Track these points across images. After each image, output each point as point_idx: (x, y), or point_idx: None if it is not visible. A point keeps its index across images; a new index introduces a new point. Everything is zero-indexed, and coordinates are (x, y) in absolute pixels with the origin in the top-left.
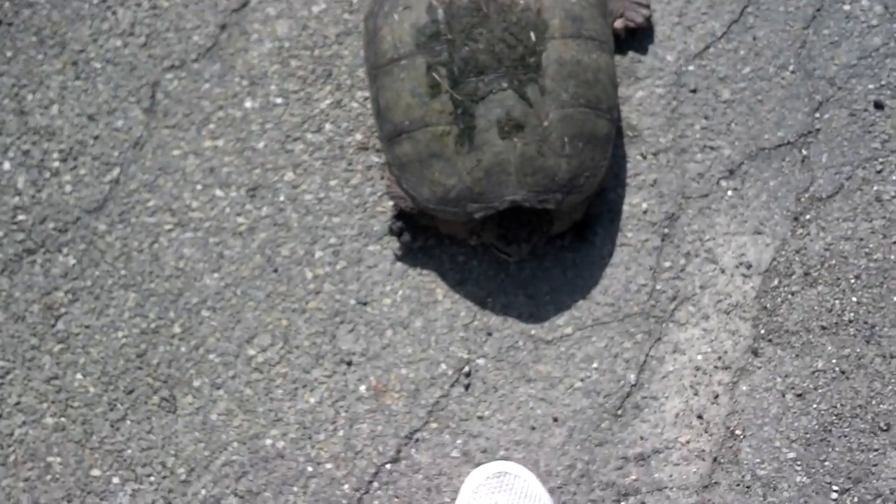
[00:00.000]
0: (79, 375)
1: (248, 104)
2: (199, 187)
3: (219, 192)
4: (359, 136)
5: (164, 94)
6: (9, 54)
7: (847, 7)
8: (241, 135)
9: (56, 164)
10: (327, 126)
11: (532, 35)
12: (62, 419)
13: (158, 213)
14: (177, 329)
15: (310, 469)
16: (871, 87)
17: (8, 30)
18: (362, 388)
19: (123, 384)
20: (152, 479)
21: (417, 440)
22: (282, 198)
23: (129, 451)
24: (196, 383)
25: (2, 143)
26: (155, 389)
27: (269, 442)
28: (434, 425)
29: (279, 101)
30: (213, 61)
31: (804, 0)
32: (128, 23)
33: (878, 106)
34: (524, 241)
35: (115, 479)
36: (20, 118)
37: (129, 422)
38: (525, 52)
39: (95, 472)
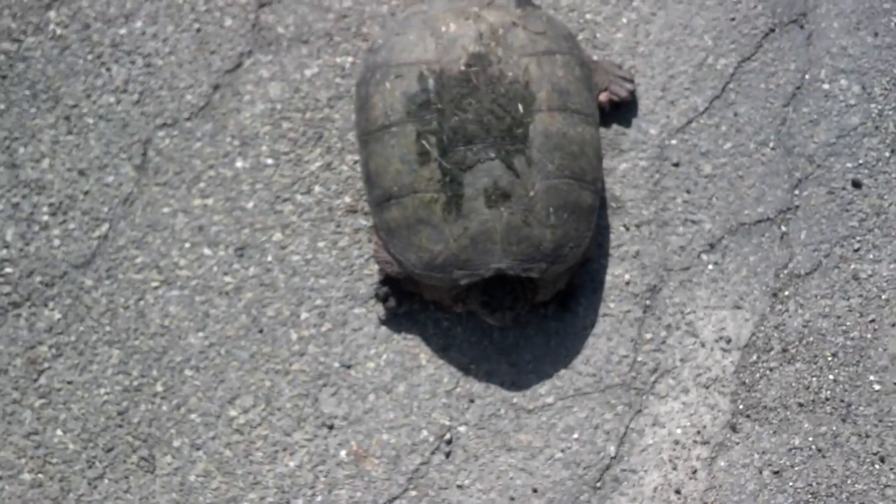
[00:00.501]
0: (59, 431)
1: (238, 164)
2: (187, 245)
3: (207, 251)
4: (348, 199)
5: (155, 152)
6: (1, 107)
7: (826, 86)
8: (230, 194)
9: (45, 217)
10: (317, 188)
11: (520, 107)
12: (40, 475)
13: (146, 270)
14: (159, 387)
15: None
16: (849, 165)
17: (2, 83)
18: (343, 452)
19: (103, 442)
20: None
21: None
22: (269, 258)
23: None
24: (176, 443)
25: None
26: (134, 448)
27: None
28: (413, 493)
29: (270, 161)
30: (206, 121)
31: (784, 78)
32: (121, 80)
33: (856, 185)
34: (508, 309)
35: None
36: (11, 171)
37: (107, 480)
38: (512, 124)
39: None
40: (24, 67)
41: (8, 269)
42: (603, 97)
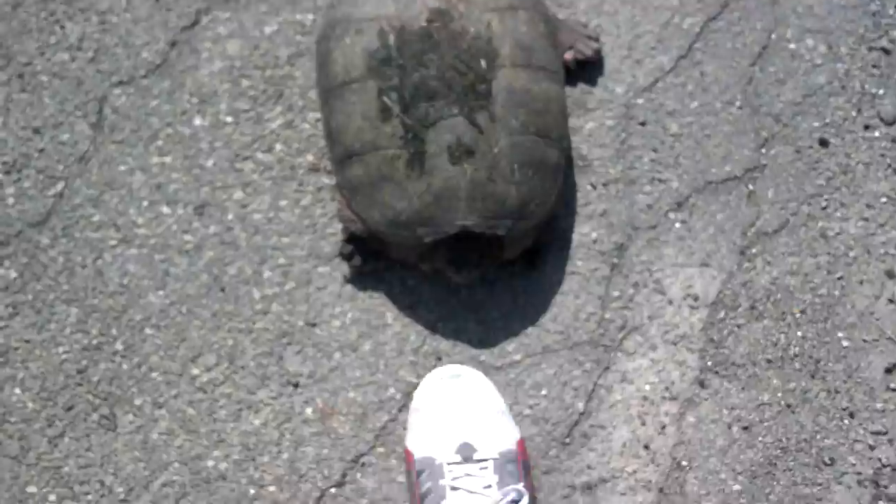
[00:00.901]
0: (17, 390)
1: (197, 122)
2: (145, 204)
3: (165, 209)
4: (310, 157)
5: (111, 110)
6: None
7: (792, 46)
8: (189, 152)
9: (0, 176)
10: (278, 146)
11: (483, 63)
12: None
13: (103, 229)
14: (119, 346)
15: (252, 492)
16: (815, 124)
17: None
18: (308, 410)
19: (63, 400)
20: (90, 497)
21: (364, 464)
22: (230, 216)
23: (67, 468)
24: (137, 402)
25: None
26: (95, 407)
27: (210, 463)
28: (381, 450)
29: (229, 119)
30: (163, 78)
31: (751, 37)
32: (76, 37)
33: (823, 143)
34: (474, 267)
35: (52, 497)
36: None
37: (67, 439)
38: (475, 80)
39: (31, 489)
40: None
41: None
42: (568, 56)
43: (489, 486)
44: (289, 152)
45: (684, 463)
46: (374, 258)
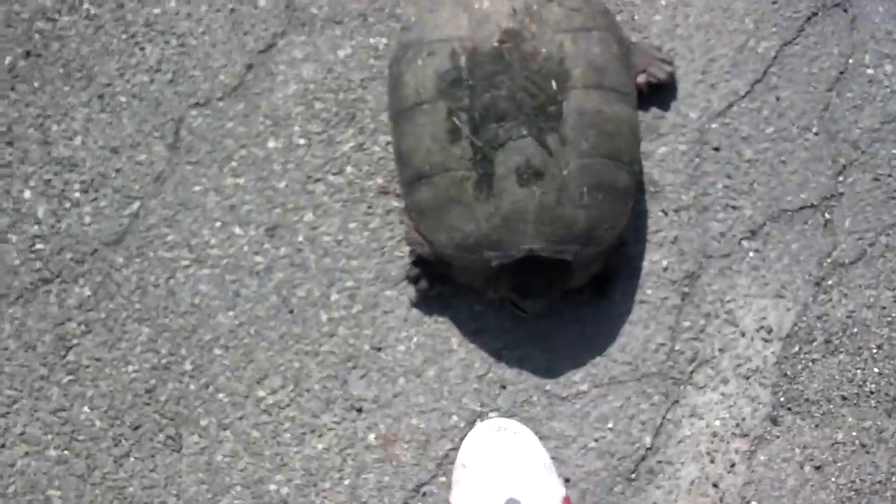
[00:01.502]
0: (86, 408)
1: (270, 144)
2: (218, 224)
3: (238, 231)
4: (380, 180)
5: (188, 131)
6: (36, 85)
7: (870, 71)
8: (262, 174)
9: (77, 195)
10: (349, 169)
11: (553, 84)
12: (65, 452)
13: (176, 249)
14: (188, 366)
15: None
16: (894, 151)
17: (36, 61)
18: (371, 436)
19: (130, 419)
20: None
21: (425, 493)
22: (300, 238)
23: (131, 488)
24: (203, 422)
25: (24, 172)
26: (161, 427)
27: (273, 487)
28: (442, 479)
29: (302, 142)
30: (238, 100)
31: (827, 62)
32: (155, 59)
33: None
34: (540, 296)
35: None
36: (43, 148)
37: (132, 458)
38: (546, 101)
39: None
40: (59, 46)
41: (39, 246)
42: (641, 79)
43: None
44: (359, 175)
45: (754, 503)
46: (440, 282)
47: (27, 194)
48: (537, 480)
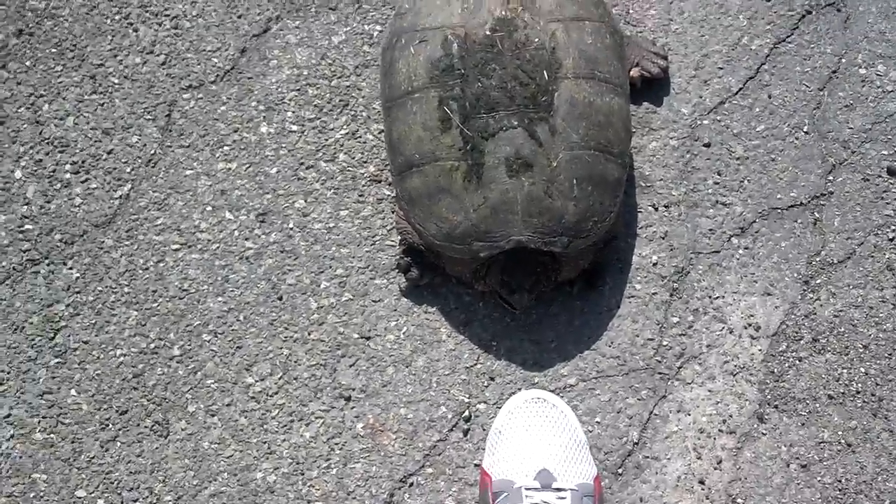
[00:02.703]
0: (73, 392)
1: (263, 129)
2: (209, 209)
3: (228, 215)
4: (372, 168)
5: (180, 114)
6: (28, 63)
7: (863, 71)
8: (254, 159)
9: (68, 175)
10: (341, 156)
11: (545, 73)
12: (52, 435)
13: (166, 232)
14: (176, 351)
15: None
16: (884, 152)
17: (28, 40)
18: (359, 425)
19: (117, 404)
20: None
21: (412, 484)
22: (291, 225)
23: (117, 473)
24: (191, 408)
25: (15, 152)
26: (149, 412)
27: (259, 475)
28: (430, 470)
29: (295, 128)
30: (231, 84)
31: (820, 61)
32: (149, 41)
33: (892, 172)
34: (527, 291)
35: (100, 502)
36: (35, 128)
37: (119, 443)
38: (537, 91)
39: (81, 493)
40: (52, 25)
41: (28, 226)
42: (634, 73)
43: None
44: (351, 162)
45: (740, 501)
46: (430, 272)
47: (17, 174)
48: (571, 455)
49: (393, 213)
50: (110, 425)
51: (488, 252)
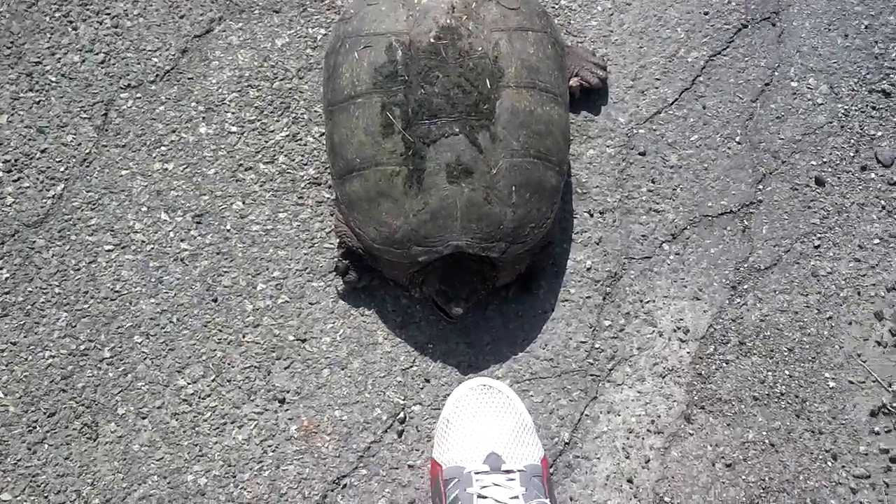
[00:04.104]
0: (0, 393)
1: (202, 130)
2: (144, 209)
3: (164, 216)
4: (311, 171)
5: (117, 113)
6: None
7: (794, 84)
8: (192, 160)
9: (0, 174)
10: (281, 158)
11: (487, 82)
12: None
13: (99, 233)
14: (106, 353)
15: None
16: (813, 163)
17: None
18: (293, 428)
19: (45, 406)
20: None
21: (345, 486)
22: (228, 226)
23: (45, 476)
24: (121, 411)
25: None
26: (78, 414)
27: (190, 478)
28: (364, 471)
29: (234, 129)
30: (171, 84)
31: (754, 74)
32: (88, 39)
33: (819, 182)
34: (464, 300)
35: None
36: None
37: (47, 445)
38: (479, 99)
39: (6, 497)
40: None
41: None
42: (574, 82)
43: (516, 497)
44: (291, 165)
45: (667, 499)
46: (368, 274)
47: None
48: (518, 438)
49: (332, 216)
50: (38, 427)
51: (427, 256)
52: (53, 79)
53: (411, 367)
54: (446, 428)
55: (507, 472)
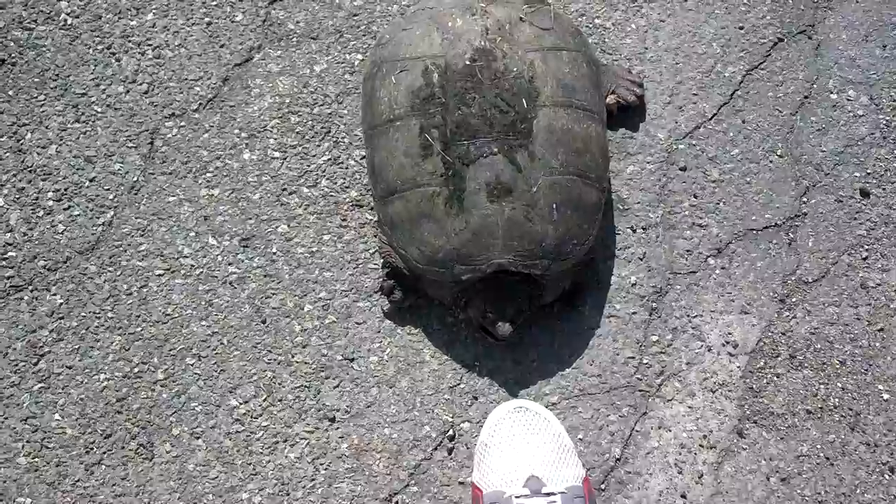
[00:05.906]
0: (57, 416)
1: (245, 156)
2: (192, 234)
3: (212, 241)
4: (354, 193)
5: (162, 141)
6: (10, 93)
7: (834, 96)
8: (237, 185)
9: (50, 203)
10: (323, 182)
11: (524, 102)
12: (36, 459)
13: (149, 258)
14: (160, 375)
15: None
16: (857, 174)
17: (11, 69)
18: (344, 446)
19: (101, 427)
20: None
21: (397, 503)
22: (274, 249)
23: (102, 496)
24: (175, 431)
25: None
26: (133, 435)
27: (245, 496)
28: (414, 489)
29: (277, 154)
30: (214, 112)
31: (792, 87)
32: (131, 70)
33: (864, 194)
34: (510, 321)
35: None
36: (17, 156)
37: (104, 466)
38: (516, 119)
39: None
40: (34, 55)
41: (11, 253)
42: (611, 100)
43: None
44: (333, 188)
45: None
46: (413, 294)
47: (0, 202)
48: (558, 459)
49: (375, 237)
50: (95, 449)
51: (470, 275)
52: (99, 109)
53: (459, 384)
54: (485, 452)
55: (548, 494)
